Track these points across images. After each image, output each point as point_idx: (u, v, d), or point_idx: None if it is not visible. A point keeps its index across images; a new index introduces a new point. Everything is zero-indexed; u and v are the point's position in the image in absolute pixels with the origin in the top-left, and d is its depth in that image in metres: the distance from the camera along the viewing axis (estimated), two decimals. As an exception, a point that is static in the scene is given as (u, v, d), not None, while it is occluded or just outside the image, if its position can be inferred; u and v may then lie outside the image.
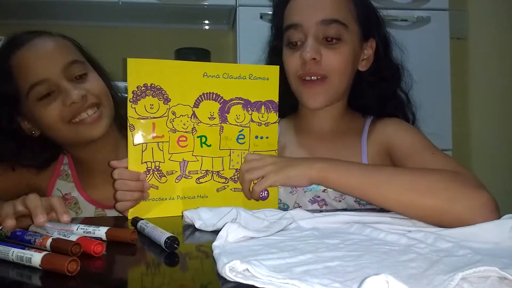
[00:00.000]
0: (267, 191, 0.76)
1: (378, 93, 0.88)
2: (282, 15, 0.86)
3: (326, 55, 0.79)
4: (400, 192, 0.62)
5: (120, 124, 0.89)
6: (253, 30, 1.01)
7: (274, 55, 0.90)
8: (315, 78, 0.80)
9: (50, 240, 0.50)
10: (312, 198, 0.81)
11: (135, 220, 0.62)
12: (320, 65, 0.79)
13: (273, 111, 0.77)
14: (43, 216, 0.56)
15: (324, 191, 0.81)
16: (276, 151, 0.78)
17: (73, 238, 0.51)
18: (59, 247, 0.49)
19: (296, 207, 0.80)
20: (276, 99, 0.77)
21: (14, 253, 0.46)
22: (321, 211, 0.74)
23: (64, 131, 0.79)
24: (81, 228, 0.57)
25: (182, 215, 0.66)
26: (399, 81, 0.89)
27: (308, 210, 0.66)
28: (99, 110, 0.81)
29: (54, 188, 0.87)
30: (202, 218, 0.63)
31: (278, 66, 0.78)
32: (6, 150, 0.84)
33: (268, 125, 0.77)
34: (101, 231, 0.56)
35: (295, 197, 0.82)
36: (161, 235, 0.52)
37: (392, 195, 0.62)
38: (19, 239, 0.53)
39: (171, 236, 0.51)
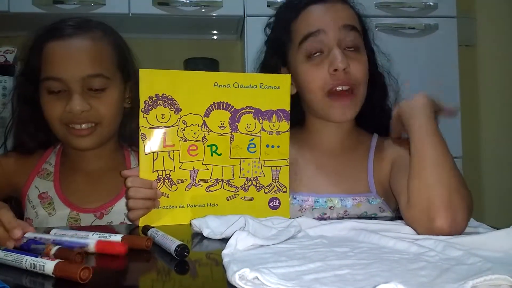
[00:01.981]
0: (279, 200, 0.76)
1: (370, 107, 0.87)
2: (290, 29, 0.83)
3: (352, 64, 0.78)
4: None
5: (124, 135, 0.90)
6: (261, 40, 1.02)
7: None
8: (345, 92, 0.78)
9: (55, 248, 0.51)
10: (319, 215, 0.81)
11: (146, 228, 0.62)
12: (349, 75, 0.78)
13: (284, 120, 0.77)
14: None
15: (331, 208, 0.80)
16: (288, 160, 0.77)
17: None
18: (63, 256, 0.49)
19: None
20: (288, 108, 0.76)
21: (27, 261, 0.47)
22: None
23: (58, 129, 0.81)
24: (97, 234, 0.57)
25: (190, 224, 0.67)
26: (386, 95, 0.89)
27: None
28: (94, 127, 0.81)
29: (31, 185, 0.86)
30: (210, 226, 0.64)
31: (290, 75, 0.77)
32: (21, 119, 0.86)
33: (279, 134, 0.77)
34: (117, 237, 0.56)
35: (304, 215, 0.80)
36: (171, 243, 0.53)
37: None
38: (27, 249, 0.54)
39: (181, 244, 0.51)
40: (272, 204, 0.76)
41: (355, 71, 0.78)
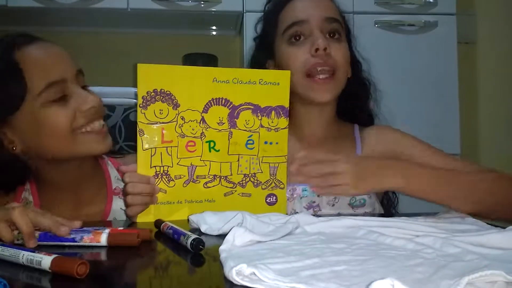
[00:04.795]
0: (276, 196, 0.76)
1: (352, 104, 0.92)
2: (276, 21, 0.87)
3: (333, 47, 0.82)
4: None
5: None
6: (260, 35, 1.03)
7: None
8: (325, 73, 0.81)
9: (105, 235, 0.54)
10: (308, 204, 0.81)
11: (159, 223, 0.63)
12: (330, 57, 0.81)
13: (283, 117, 0.76)
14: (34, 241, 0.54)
15: (319, 196, 0.81)
16: (286, 157, 0.77)
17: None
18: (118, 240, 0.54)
19: (293, 214, 0.80)
20: (287, 104, 0.76)
21: (24, 256, 0.47)
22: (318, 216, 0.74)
23: (65, 141, 0.72)
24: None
25: (188, 220, 0.67)
26: (367, 96, 0.93)
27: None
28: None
29: None
30: (208, 222, 0.64)
31: (289, 71, 0.77)
32: None
33: (277, 131, 0.76)
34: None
35: (292, 204, 0.82)
36: (187, 237, 0.53)
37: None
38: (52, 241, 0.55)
39: (196, 238, 0.52)
40: (269, 200, 0.76)
41: (335, 54, 0.82)
